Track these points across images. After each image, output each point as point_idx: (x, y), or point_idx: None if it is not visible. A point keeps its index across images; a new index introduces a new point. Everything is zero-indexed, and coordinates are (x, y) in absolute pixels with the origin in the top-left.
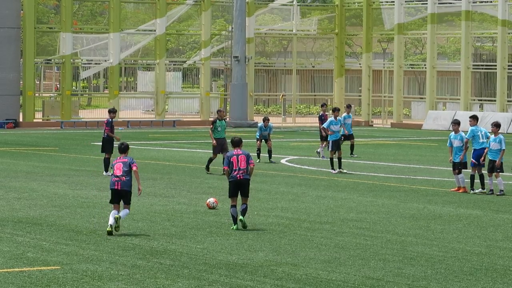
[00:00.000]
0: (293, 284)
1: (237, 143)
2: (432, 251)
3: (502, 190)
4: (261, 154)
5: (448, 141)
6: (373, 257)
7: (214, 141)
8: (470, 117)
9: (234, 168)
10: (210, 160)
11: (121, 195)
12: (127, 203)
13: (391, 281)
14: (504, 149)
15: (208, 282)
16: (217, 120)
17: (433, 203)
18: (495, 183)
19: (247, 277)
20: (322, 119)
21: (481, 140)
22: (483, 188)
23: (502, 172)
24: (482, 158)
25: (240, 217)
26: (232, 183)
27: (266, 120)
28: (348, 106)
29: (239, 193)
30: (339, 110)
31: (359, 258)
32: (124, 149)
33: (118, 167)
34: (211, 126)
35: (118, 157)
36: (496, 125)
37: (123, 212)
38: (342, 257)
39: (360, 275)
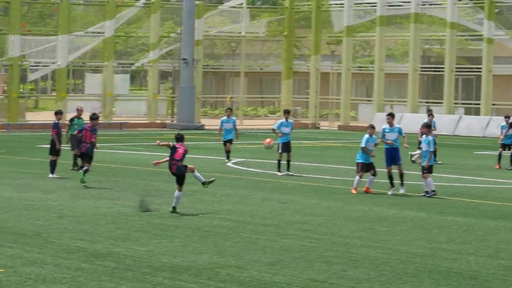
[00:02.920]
0: (237, 287)
1: (180, 139)
2: (376, 253)
3: (434, 191)
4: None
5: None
6: (317, 259)
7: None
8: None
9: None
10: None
11: (177, 177)
12: (181, 184)
13: (335, 283)
14: (432, 151)
15: (152, 285)
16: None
17: (378, 205)
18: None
19: (191, 280)
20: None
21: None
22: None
23: (431, 173)
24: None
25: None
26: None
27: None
28: None
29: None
30: (289, 112)
31: (304, 260)
32: (181, 138)
33: (180, 153)
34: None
35: (180, 143)
36: (427, 126)
37: (177, 194)
38: (286, 259)
39: (304, 277)
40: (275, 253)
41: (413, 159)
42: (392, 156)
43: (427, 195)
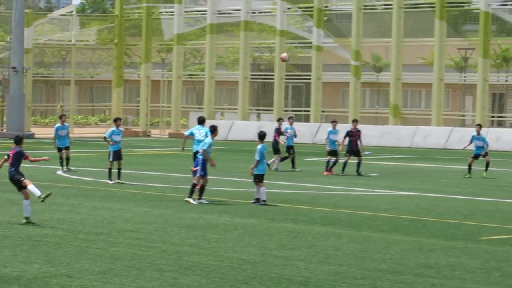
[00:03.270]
0: None
1: (17, 141)
2: (208, 261)
3: (264, 201)
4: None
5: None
6: (148, 267)
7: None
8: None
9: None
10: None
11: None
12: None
13: None
14: (258, 160)
15: None
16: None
17: (209, 213)
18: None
19: None
20: (278, 132)
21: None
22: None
23: (262, 181)
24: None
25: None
26: None
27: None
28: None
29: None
30: (120, 120)
31: (135, 268)
32: (18, 140)
33: (10, 157)
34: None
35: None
36: (261, 136)
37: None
38: (117, 267)
39: (135, 285)
40: (106, 261)
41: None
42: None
43: (257, 203)
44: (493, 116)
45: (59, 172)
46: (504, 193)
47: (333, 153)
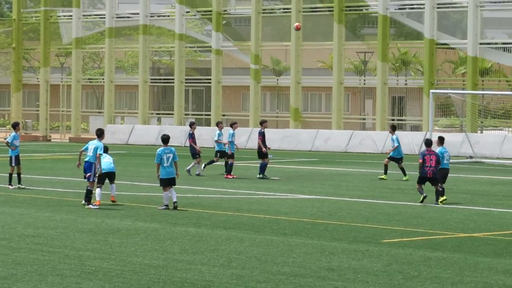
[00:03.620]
0: None
1: None
2: (110, 265)
3: (167, 205)
4: None
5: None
6: (50, 273)
7: None
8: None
9: None
10: None
11: None
12: None
13: None
14: (157, 162)
15: None
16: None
17: (111, 217)
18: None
19: None
20: (192, 137)
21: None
22: None
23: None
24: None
25: None
26: None
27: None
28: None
29: None
30: (19, 124)
31: (37, 273)
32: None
33: None
34: None
35: None
36: (164, 140)
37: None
38: (19, 273)
39: None
40: (8, 267)
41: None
42: None
43: (161, 208)
44: (393, 119)
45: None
46: (405, 196)
47: (232, 155)
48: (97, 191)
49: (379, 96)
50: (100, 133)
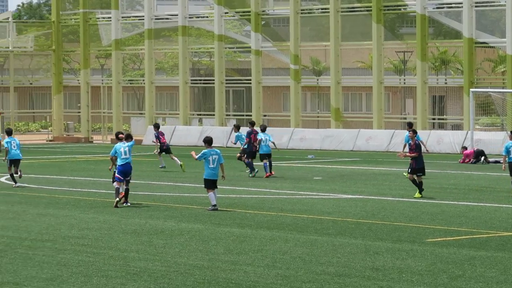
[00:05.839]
0: None
1: None
2: (155, 266)
3: (215, 205)
4: None
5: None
6: (95, 274)
7: None
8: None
9: None
10: None
11: None
12: None
13: None
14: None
15: None
16: None
17: (155, 218)
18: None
19: None
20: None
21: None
22: None
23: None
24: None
25: None
26: None
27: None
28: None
29: None
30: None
31: (82, 275)
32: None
33: None
34: None
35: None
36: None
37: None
38: (64, 274)
39: None
40: (53, 268)
41: None
42: None
43: (209, 208)
44: (434, 119)
45: (2, 179)
46: (447, 195)
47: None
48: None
49: (419, 95)
50: (128, 136)
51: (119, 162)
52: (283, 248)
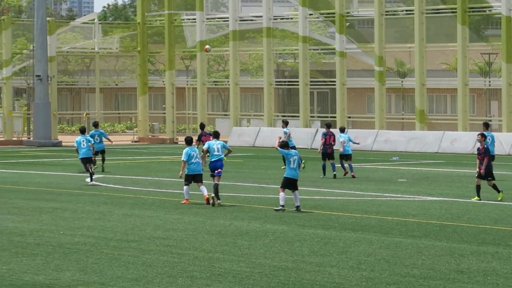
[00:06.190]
0: None
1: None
2: (240, 267)
3: (283, 206)
4: None
5: None
6: (180, 274)
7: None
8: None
9: None
10: None
11: None
12: None
13: None
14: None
15: None
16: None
17: (239, 220)
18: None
19: None
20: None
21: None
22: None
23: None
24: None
25: None
26: None
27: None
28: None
29: None
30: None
31: (167, 275)
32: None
33: None
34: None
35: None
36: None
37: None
38: (150, 275)
39: None
40: (138, 268)
41: None
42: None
43: (277, 208)
44: None
45: (88, 180)
46: None
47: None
48: (185, 188)
49: (504, 98)
50: (216, 134)
51: (211, 158)
52: (367, 250)
